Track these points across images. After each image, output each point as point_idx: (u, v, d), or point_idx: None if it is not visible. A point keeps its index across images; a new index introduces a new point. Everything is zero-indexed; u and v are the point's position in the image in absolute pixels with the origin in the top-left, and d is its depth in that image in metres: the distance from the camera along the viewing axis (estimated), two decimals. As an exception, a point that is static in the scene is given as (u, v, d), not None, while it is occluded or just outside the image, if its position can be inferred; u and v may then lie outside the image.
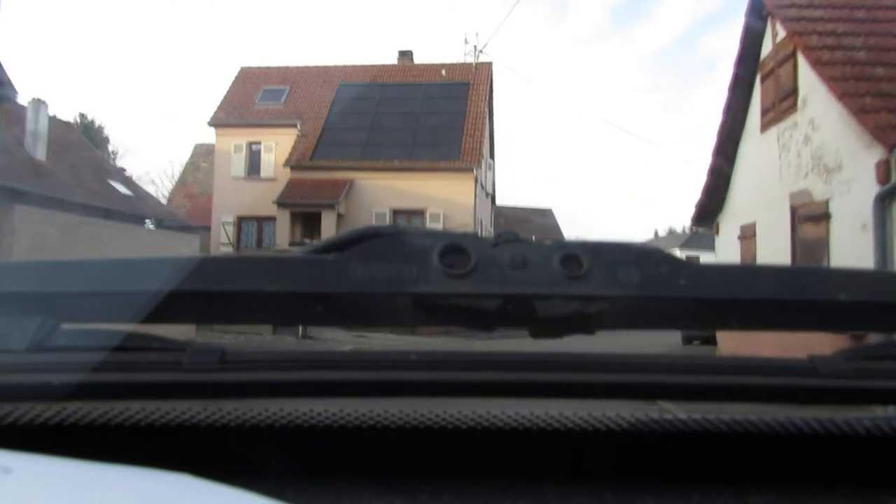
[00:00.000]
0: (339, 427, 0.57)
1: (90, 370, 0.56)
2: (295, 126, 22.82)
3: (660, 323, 0.71)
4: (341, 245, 0.61)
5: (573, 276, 0.58)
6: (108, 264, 0.66)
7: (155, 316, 0.58)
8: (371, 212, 21.31)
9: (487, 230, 23.80)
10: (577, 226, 72.08)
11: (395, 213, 21.57)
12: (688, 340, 14.73)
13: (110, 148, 37.89)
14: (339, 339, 13.64)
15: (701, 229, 19.00)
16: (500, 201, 28.95)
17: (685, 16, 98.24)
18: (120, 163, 35.84)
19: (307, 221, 21.20)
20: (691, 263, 0.63)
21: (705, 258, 3.52)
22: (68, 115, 37.95)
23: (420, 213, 21.42)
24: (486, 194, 24.82)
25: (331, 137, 22.58)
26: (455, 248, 0.59)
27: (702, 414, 0.58)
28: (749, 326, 0.68)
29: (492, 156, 26.26)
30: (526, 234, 0.65)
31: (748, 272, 0.70)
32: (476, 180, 21.66)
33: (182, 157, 23.26)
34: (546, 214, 35.85)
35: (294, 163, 21.99)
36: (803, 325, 0.67)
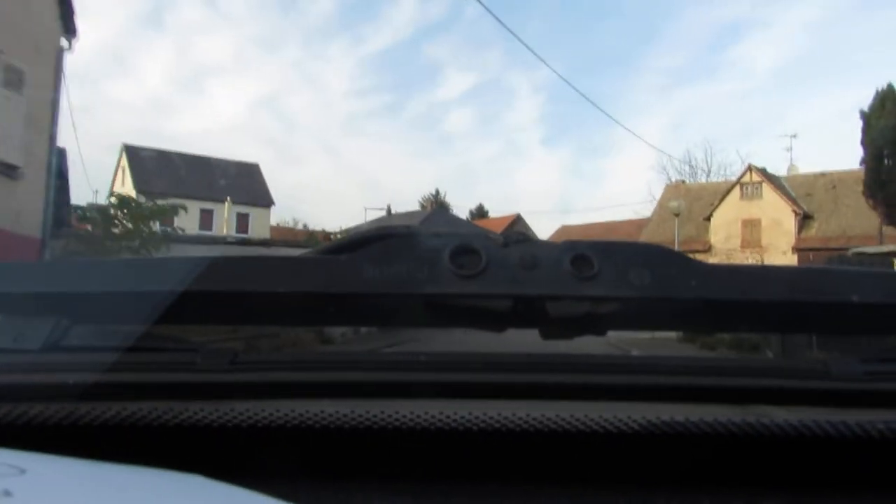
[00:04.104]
0: (350, 428, 0.58)
1: (104, 370, 0.57)
2: None
3: (670, 324, 0.72)
4: (353, 246, 0.62)
5: (584, 277, 0.59)
6: (121, 265, 0.69)
7: (168, 316, 0.59)
8: None
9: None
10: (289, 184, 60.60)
11: None
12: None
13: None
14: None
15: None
16: (197, 148, 17.15)
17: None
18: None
19: None
20: (702, 263, 0.63)
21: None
22: None
23: None
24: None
25: None
26: (466, 248, 0.60)
27: (713, 416, 0.58)
28: (761, 328, 0.69)
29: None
30: (221, 191, 0.83)
31: (759, 273, 0.69)
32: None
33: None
34: (251, 171, 31.19)
35: None
36: (816, 327, 0.68)
